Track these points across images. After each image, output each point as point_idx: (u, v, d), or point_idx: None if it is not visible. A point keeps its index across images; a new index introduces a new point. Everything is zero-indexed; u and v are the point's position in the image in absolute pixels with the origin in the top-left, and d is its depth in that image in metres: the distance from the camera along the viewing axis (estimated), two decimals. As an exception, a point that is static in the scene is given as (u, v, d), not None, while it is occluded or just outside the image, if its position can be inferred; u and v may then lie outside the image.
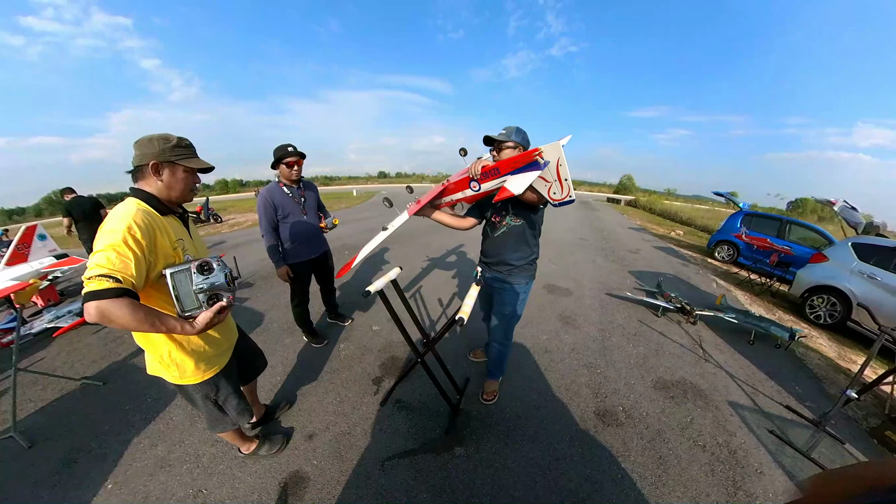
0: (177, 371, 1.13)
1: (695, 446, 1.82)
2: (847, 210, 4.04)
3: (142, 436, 1.81)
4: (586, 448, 1.76)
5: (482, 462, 1.65)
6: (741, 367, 2.65)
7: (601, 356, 2.63)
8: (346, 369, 2.38)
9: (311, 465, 1.62)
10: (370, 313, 3.24)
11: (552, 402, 2.10)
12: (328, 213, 2.54)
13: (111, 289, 0.82)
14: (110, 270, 0.84)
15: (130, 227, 0.89)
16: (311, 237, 2.33)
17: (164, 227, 1.01)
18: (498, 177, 1.41)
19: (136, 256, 0.89)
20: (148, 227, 0.94)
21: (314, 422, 1.90)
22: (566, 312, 3.39)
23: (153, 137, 1.02)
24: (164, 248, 0.99)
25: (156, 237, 0.96)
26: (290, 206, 2.18)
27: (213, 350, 1.20)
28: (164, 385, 2.15)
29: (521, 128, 1.53)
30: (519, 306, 1.77)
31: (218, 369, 1.24)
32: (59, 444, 1.78)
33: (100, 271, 0.83)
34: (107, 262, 0.84)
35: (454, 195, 1.66)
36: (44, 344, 2.85)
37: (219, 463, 1.63)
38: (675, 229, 10.49)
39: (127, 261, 0.87)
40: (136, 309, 0.86)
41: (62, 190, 3.96)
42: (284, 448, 1.71)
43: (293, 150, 2.09)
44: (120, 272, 0.85)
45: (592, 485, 1.56)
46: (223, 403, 1.31)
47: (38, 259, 3.14)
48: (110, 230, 0.89)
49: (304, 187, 2.29)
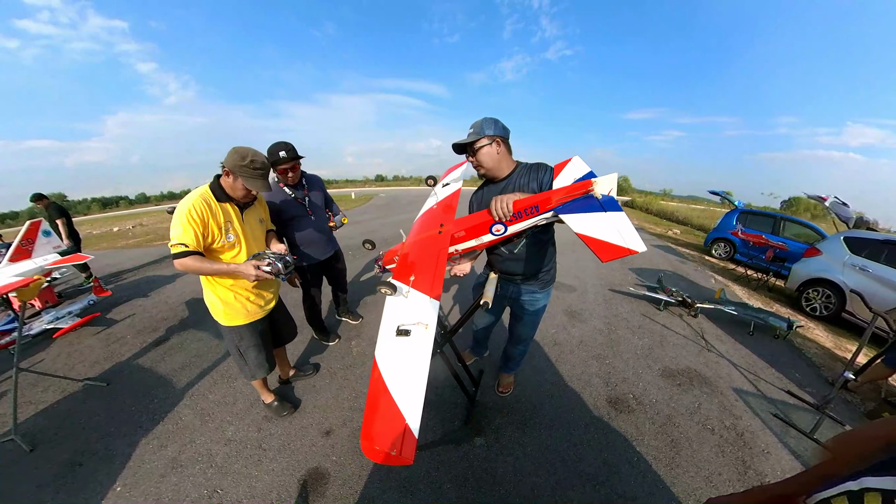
0: (220, 313, 1.51)
1: (704, 429, 1.87)
2: (838, 205, 4.17)
3: (150, 437, 1.77)
4: (602, 434, 1.79)
5: (502, 451, 1.67)
6: (742, 356, 2.72)
7: (608, 348, 2.68)
8: (359, 365, 2.38)
9: (330, 462, 1.61)
10: (379, 309, 3.24)
11: (565, 391, 2.14)
12: (337, 209, 2.35)
13: (182, 252, 1.27)
14: (180, 239, 1.26)
15: (190, 210, 1.29)
16: (319, 238, 2.17)
17: (216, 212, 1.37)
18: (535, 215, 1.14)
19: (195, 230, 1.29)
20: (202, 211, 1.31)
21: (330, 418, 1.88)
22: (572, 307, 3.44)
23: (237, 151, 1.32)
24: (213, 227, 1.35)
25: (207, 219, 1.33)
26: (294, 208, 2.00)
27: (247, 307, 1.54)
28: (172, 386, 2.20)
29: (491, 117, 1.28)
30: (542, 310, 1.66)
31: (245, 322, 1.56)
32: (63, 446, 1.73)
33: (176, 241, 1.27)
34: (181, 234, 1.27)
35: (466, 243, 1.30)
36: (43, 345, 2.77)
37: (234, 462, 1.61)
38: (672, 228, 10.68)
39: (190, 233, 1.28)
40: (201, 260, 1.32)
41: (34, 197, 3.89)
42: (292, 414, 1.90)
43: (286, 157, 1.81)
44: (188, 241, 1.27)
45: (610, 468, 1.59)
46: (244, 352, 1.62)
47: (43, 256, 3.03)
48: (179, 212, 1.29)
49: (308, 185, 2.08)
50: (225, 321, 1.53)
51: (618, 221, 1.01)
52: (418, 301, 1.01)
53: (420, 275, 1.07)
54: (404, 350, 0.92)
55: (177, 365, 2.44)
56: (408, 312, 0.99)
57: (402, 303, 1.03)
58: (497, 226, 1.21)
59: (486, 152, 1.27)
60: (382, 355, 0.93)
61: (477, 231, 1.27)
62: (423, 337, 0.92)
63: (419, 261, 1.20)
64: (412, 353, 0.90)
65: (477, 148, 1.27)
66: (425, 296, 1.01)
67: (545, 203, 1.13)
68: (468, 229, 1.27)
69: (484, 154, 1.28)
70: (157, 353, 2.61)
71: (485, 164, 1.31)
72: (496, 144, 1.28)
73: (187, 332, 2.95)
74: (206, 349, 2.63)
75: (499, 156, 1.30)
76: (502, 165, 1.33)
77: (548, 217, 1.17)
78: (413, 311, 0.99)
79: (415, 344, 0.91)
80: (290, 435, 1.77)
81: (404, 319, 0.97)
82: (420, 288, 1.03)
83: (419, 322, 0.94)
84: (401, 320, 0.98)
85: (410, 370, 0.87)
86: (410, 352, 0.91)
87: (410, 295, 1.03)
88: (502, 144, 1.31)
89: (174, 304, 3.60)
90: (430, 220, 1.44)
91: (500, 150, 1.30)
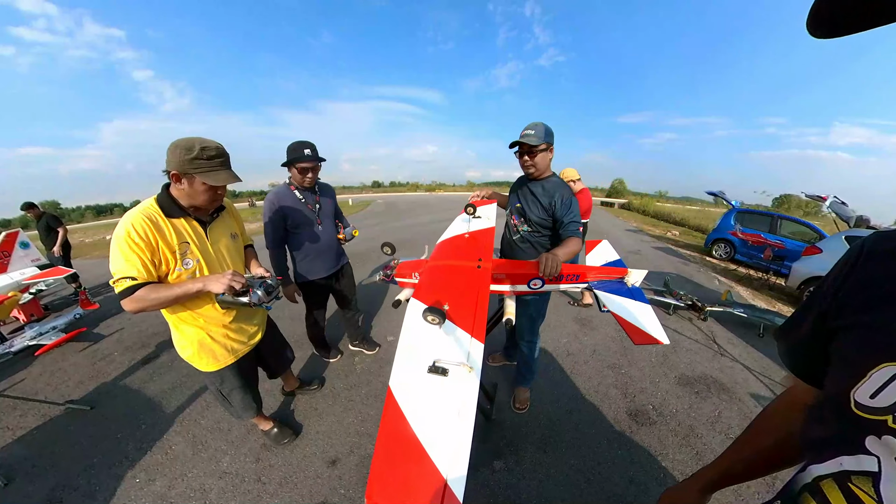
0: (194, 357, 1.27)
1: (727, 440, 1.81)
2: (837, 205, 4.21)
3: (137, 468, 1.62)
4: (625, 449, 1.71)
5: (525, 475, 1.57)
6: (755, 359, 2.67)
7: (622, 356, 2.60)
8: (364, 384, 2.24)
9: (338, 495, 1.47)
10: (383, 324, 3.11)
11: (584, 405, 2.05)
12: (346, 221, 2.14)
13: (130, 287, 1.00)
14: (124, 273, 1.00)
15: (129, 233, 1.01)
16: (327, 251, 1.97)
17: (166, 232, 1.08)
18: (574, 281, 1.36)
19: (140, 256, 1.02)
20: (145, 232, 1.03)
21: (335, 445, 1.73)
22: (581, 315, 3.38)
23: (178, 145, 1.03)
24: (164, 252, 1.07)
25: (155, 241, 1.05)
26: (303, 215, 1.82)
27: (227, 345, 1.31)
28: (161, 409, 2.03)
29: (548, 126, 1.43)
30: (542, 305, 1.72)
31: (223, 365, 1.33)
32: (41, 479, 1.58)
33: (119, 275, 1.00)
34: (123, 266, 1.00)
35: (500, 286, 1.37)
36: (25, 364, 2.59)
37: (230, 498, 1.45)
38: (671, 230, 10.74)
39: (135, 261, 1.01)
40: (157, 289, 1.04)
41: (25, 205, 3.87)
42: (293, 441, 1.73)
43: (310, 155, 1.70)
44: (134, 272, 1.00)
45: (637, 487, 1.51)
46: (228, 395, 1.42)
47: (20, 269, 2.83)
48: (116, 237, 1.01)
49: (320, 192, 1.93)
50: (200, 366, 1.28)
51: (646, 313, 1.19)
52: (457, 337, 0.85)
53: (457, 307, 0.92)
54: (439, 392, 0.74)
55: (166, 385, 2.28)
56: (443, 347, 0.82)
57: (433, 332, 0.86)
58: (535, 280, 1.34)
59: (543, 157, 1.47)
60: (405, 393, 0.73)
61: (516, 279, 1.36)
62: (467, 382, 0.74)
63: (453, 289, 1.06)
64: (452, 398, 0.71)
65: (537, 150, 1.43)
66: (466, 334, 0.85)
67: (584, 275, 1.35)
68: (510, 274, 1.35)
69: (540, 157, 1.46)
70: (146, 373, 2.45)
71: (538, 165, 1.49)
72: (550, 152, 1.50)
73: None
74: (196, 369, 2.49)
75: (548, 162, 1.52)
76: (546, 171, 1.56)
77: (582, 287, 1.40)
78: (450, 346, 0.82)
79: (455, 388, 0.73)
80: (291, 465, 1.62)
81: (440, 354, 0.80)
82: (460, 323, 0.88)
83: (462, 363, 0.77)
84: (435, 355, 0.80)
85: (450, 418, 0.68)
86: (449, 397, 0.71)
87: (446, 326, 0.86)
88: (552, 152, 1.53)
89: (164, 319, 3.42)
90: (463, 249, 1.42)
91: (550, 156, 1.52)
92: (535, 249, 1.62)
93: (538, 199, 1.52)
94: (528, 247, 1.64)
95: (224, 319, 1.26)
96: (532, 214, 1.54)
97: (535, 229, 1.57)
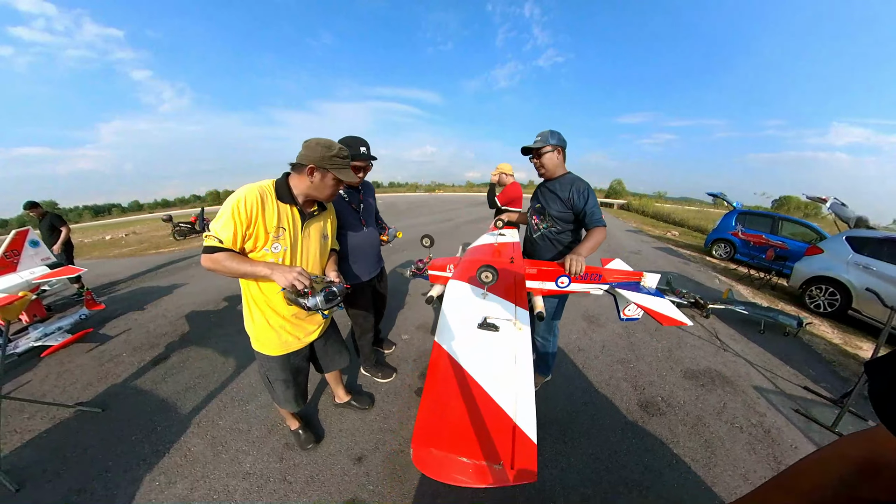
0: (251, 331, 1.34)
1: (733, 428, 1.89)
2: (838, 206, 4.31)
3: (155, 471, 1.58)
4: (639, 438, 1.78)
5: (547, 464, 1.61)
6: (756, 354, 2.77)
7: (630, 351, 2.67)
8: (381, 383, 2.25)
9: (367, 491, 1.48)
10: (397, 323, 3.13)
11: (597, 397, 2.11)
12: (386, 223, 2.05)
13: (215, 247, 1.09)
14: (217, 234, 1.09)
15: (239, 202, 1.10)
16: (369, 254, 1.86)
17: (271, 212, 1.16)
18: (596, 282, 1.49)
19: (236, 227, 1.10)
20: (252, 207, 1.12)
21: (360, 442, 1.74)
22: (588, 312, 3.45)
23: (319, 143, 1.15)
24: (259, 230, 1.15)
25: (256, 217, 1.13)
26: (349, 215, 1.70)
27: (281, 337, 1.34)
28: (176, 411, 2.01)
29: (555, 130, 1.59)
30: (559, 302, 1.79)
31: (275, 353, 1.36)
32: (54, 484, 1.52)
33: (212, 233, 1.10)
34: (220, 227, 1.10)
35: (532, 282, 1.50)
36: (30, 365, 2.54)
37: (256, 499, 1.44)
38: (671, 230, 10.92)
39: (230, 228, 1.10)
40: (233, 258, 1.11)
41: (28, 205, 3.90)
42: (316, 448, 1.71)
43: (366, 153, 1.56)
44: (225, 237, 1.10)
45: (652, 473, 1.57)
46: (272, 382, 1.45)
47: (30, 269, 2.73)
48: (228, 200, 1.11)
49: (364, 191, 1.80)
50: (253, 343, 1.35)
51: (666, 305, 1.31)
52: (502, 304, 0.95)
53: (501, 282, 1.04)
54: (493, 343, 0.78)
55: (180, 387, 2.25)
56: (491, 310, 0.91)
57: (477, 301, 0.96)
58: (563, 278, 1.48)
59: (549, 157, 1.60)
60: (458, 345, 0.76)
61: (544, 275, 1.50)
62: (520, 336, 0.80)
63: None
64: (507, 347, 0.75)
65: (542, 153, 1.58)
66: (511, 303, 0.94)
67: (606, 277, 1.49)
68: (540, 271, 1.50)
69: (546, 158, 1.60)
70: (157, 374, 2.42)
71: (546, 165, 1.63)
72: (556, 153, 1.61)
73: (189, 348, 2.74)
74: (211, 368, 2.45)
75: (557, 161, 1.64)
76: (558, 170, 1.67)
77: (603, 288, 1.53)
78: (498, 309, 0.91)
79: (508, 340, 0.78)
80: (317, 464, 1.62)
81: (488, 313, 0.88)
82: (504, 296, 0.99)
83: (512, 320, 0.85)
84: (484, 313, 0.88)
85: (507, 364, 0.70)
86: (503, 346, 0.75)
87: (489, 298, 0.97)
88: (561, 153, 1.64)
89: (173, 318, 3.35)
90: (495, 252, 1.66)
91: (558, 157, 1.64)
92: (552, 245, 1.71)
93: (556, 195, 1.64)
94: (547, 243, 1.72)
95: (287, 312, 1.30)
96: (552, 210, 1.66)
97: (554, 224, 1.68)
